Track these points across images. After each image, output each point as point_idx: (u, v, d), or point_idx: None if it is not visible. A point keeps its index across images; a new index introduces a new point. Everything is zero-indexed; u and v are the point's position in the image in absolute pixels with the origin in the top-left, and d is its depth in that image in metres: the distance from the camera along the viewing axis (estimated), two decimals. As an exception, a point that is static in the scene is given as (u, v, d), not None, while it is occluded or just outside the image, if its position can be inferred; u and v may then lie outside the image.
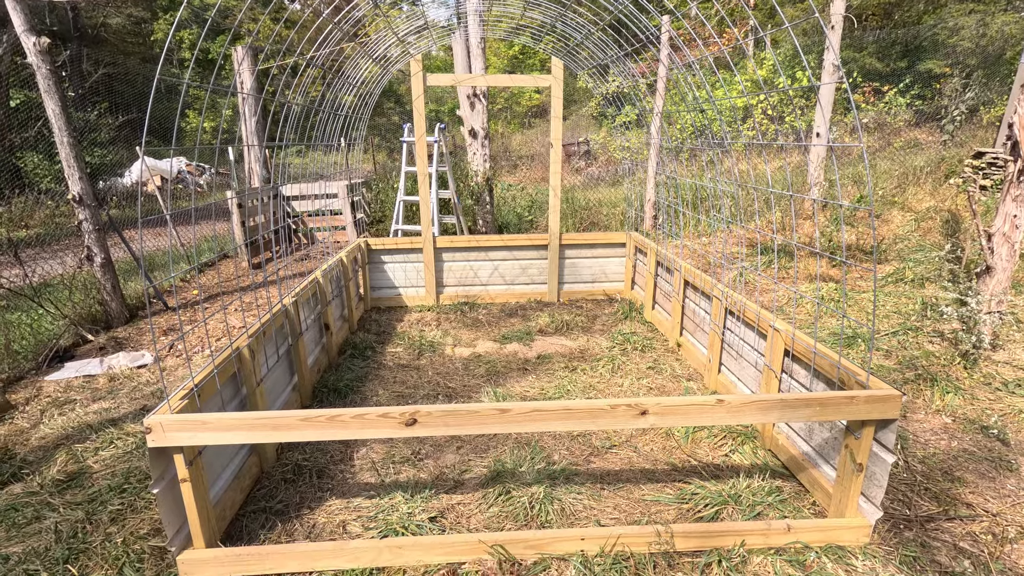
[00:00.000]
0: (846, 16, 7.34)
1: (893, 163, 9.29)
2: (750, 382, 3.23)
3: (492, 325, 5.01)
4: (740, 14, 19.56)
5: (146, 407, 3.55)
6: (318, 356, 3.97)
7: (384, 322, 5.15)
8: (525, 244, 5.56)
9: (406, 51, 6.40)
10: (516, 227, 8.77)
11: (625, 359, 4.15)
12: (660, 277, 4.82)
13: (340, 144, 7.68)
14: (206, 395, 2.28)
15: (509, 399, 3.54)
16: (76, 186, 4.69)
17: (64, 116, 4.54)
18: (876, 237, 6.51)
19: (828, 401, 2.09)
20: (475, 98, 7.70)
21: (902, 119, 12.15)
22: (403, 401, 3.58)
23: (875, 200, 7.36)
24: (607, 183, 13.50)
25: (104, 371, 4.14)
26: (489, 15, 6.17)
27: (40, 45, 4.37)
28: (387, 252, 5.49)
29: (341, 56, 5.70)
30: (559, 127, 5.20)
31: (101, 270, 4.97)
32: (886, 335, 4.26)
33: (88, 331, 4.81)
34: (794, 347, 2.69)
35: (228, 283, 6.65)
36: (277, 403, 3.17)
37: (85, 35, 20.69)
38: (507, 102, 30.07)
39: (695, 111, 5.93)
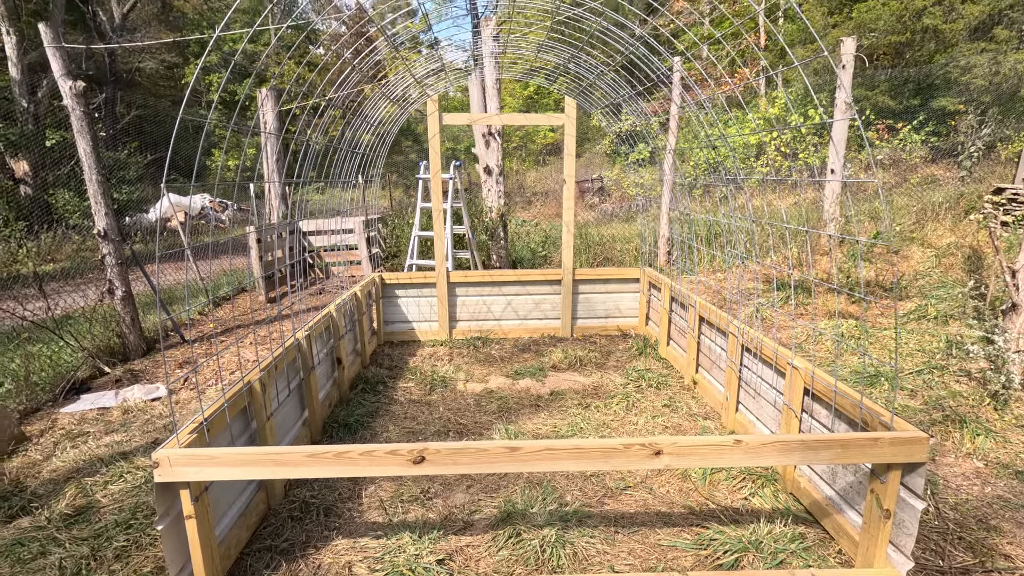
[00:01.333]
0: (857, 55, 7.43)
1: (911, 199, 9.22)
2: (769, 421, 3.13)
3: (505, 360, 4.97)
4: (751, 55, 19.93)
5: (157, 440, 3.54)
6: (329, 390, 3.96)
7: (397, 356, 5.14)
8: (538, 279, 5.56)
9: (424, 91, 6.59)
10: (530, 262, 8.80)
11: (640, 396, 4.06)
12: (675, 313, 4.76)
13: (358, 181, 7.85)
14: (216, 429, 2.27)
15: (521, 437, 3.47)
16: (102, 222, 4.83)
17: (94, 155, 4.72)
18: (896, 273, 6.41)
19: (850, 443, 2.01)
20: (490, 136, 7.86)
21: (918, 155, 12.12)
22: (413, 438, 3.53)
23: (893, 236, 7.27)
24: (621, 219, 13.56)
25: (119, 403, 4.17)
26: (504, 58, 6.35)
27: (76, 89, 4.58)
28: (401, 286, 5.52)
29: (361, 97, 5.89)
30: (572, 164, 5.26)
31: (122, 303, 5.06)
32: (910, 374, 4.13)
33: (105, 363, 4.87)
34: (814, 386, 2.61)
35: (244, 316, 6.72)
36: (287, 438, 3.14)
37: (120, 79, 21.70)
38: (522, 140, 30.68)
39: (708, 148, 5.97)
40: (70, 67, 4.71)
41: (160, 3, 26.97)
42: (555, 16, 4.97)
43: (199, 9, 29.50)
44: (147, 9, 25.85)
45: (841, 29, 14.42)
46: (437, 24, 10.46)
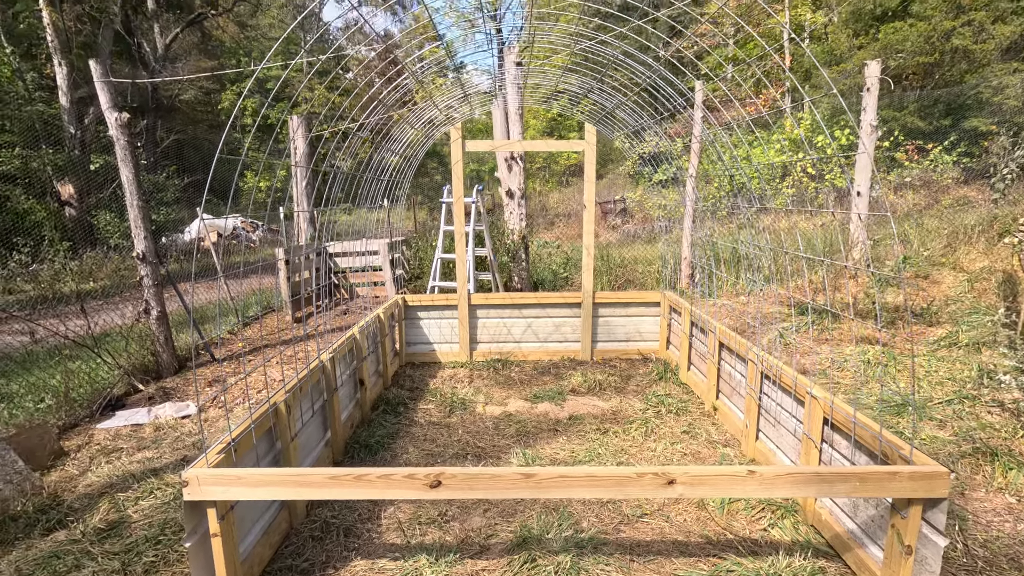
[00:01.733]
0: (882, 78, 7.38)
1: (941, 221, 9.02)
2: (789, 451, 3.10)
3: (524, 383, 5.00)
4: (775, 76, 19.88)
5: (186, 457, 3.66)
6: (352, 411, 4.04)
7: (418, 378, 5.21)
8: (558, 302, 5.60)
9: (450, 116, 6.78)
10: (551, 284, 8.85)
11: (659, 422, 4.05)
12: (695, 338, 4.75)
13: (384, 204, 8.06)
14: (243, 449, 2.35)
15: (538, 461, 3.49)
16: (141, 245, 5.06)
17: (136, 182, 4.97)
18: (924, 299, 6.26)
19: (868, 476, 1.99)
20: (512, 161, 8.00)
21: (949, 177, 11.87)
22: (432, 460, 3.58)
23: (922, 260, 7.12)
24: (643, 240, 13.54)
25: (151, 420, 4.32)
26: (526, 86, 6.50)
27: (121, 120, 4.86)
28: (423, 308, 5.62)
29: (389, 122, 6.08)
30: (592, 190, 5.33)
31: (156, 323, 5.27)
32: (939, 403, 4.02)
33: (140, 381, 5.06)
34: (833, 416, 2.58)
35: (272, 336, 6.90)
36: (310, 458, 3.22)
37: (161, 106, 22.72)
38: (545, 161, 30.98)
39: (732, 170, 5.99)
40: (116, 99, 5.00)
41: (200, 33, 28.28)
42: (577, 44, 5.09)
43: (236, 38, 30.84)
44: (187, 39, 27.13)
45: (867, 51, 14.32)
46: (462, 51, 10.74)
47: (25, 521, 2.93)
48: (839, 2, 16.59)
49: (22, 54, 17.22)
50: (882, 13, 15.55)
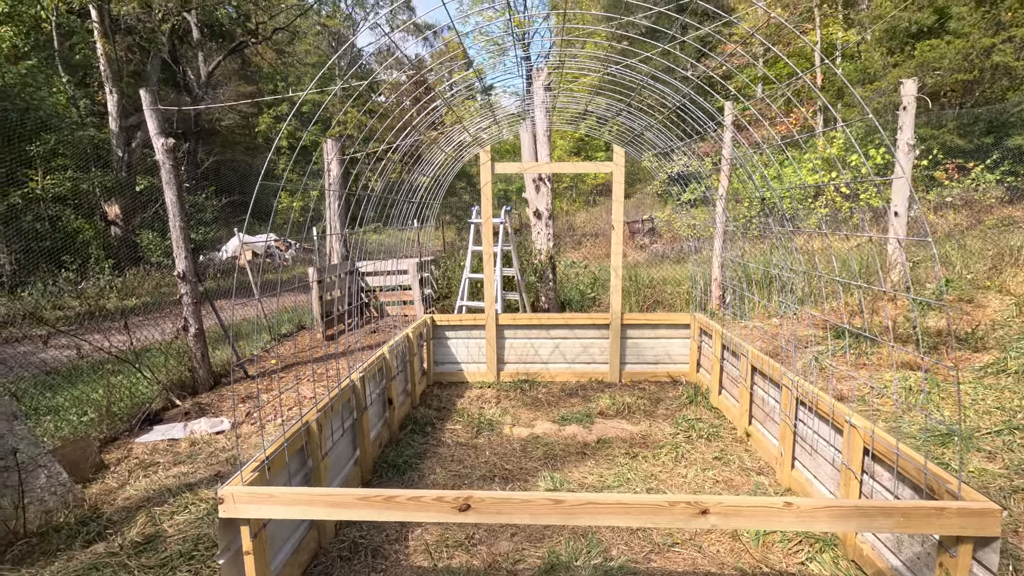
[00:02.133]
0: (919, 96, 7.23)
1: (985, 242, 8.70)
2: (827, 480, 2.99)
3: (552, 405, 4.97)
4: (807, 94, 19.65)
5: (220, 473, 3.74)
6: (380, 430, 4.07)
7: (445, 398, 5.23)
8: (586, 323, 5.58)
9: (478, 138, 6.89)
10: (579, 304, 8.82)
11: (690, 447, 3.96)
12: (726, 361, 4.65)
13: (414, 224, 8.20)
14: (276, 468, 2.40)
15: (566, 486, 3.45)
16: (181, 264, 5.25)
17: (179, 204, 5.18)
18: (969, 323, 6.02)
19: (913, 512, 1.91)
20: (540, 182, 8.06)
21: (993, 196, 11.46)
22: (459, 481, 3.57)
23: (965, 283, 6.86)
24: (671, 260, 13.41)
25: (187, 435, 4.43)
26: (554, 110, 6.58)
27: (167, 145, 5.09)
28: (451, 328, 5.66)
29: (420, 144, 6.22)
30: (620, 210, 5.33)
31: (194, 339, 5.43)
32: (988, 434, 3.84)
33: (176, 396, 5.20)
34: (874, 446, 2.49)
35: (303, 353, 7.03)
36: (339, 477, 3.25)
37: (203, 130, 23.70)
38: (572, 180, 31.09)
39: (764, 191, 5.91)
40: (163, 126, 5.25)
41: (240, 60, 29.51)
42: (606, 68, 5.15)
43: (273, 64, 32.07)
44: (228, 66, 28.34)
45: (902, 69, 14.05)
46: (491, 74, 10.98)
47: (67, 532, 3.03)
48: (872, 21, 16.37)
49: (77, 82, 18.25)
50: (917, 31, 15.27)
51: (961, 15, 13.65)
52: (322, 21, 34.18)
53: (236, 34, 23.79)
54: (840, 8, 21.48)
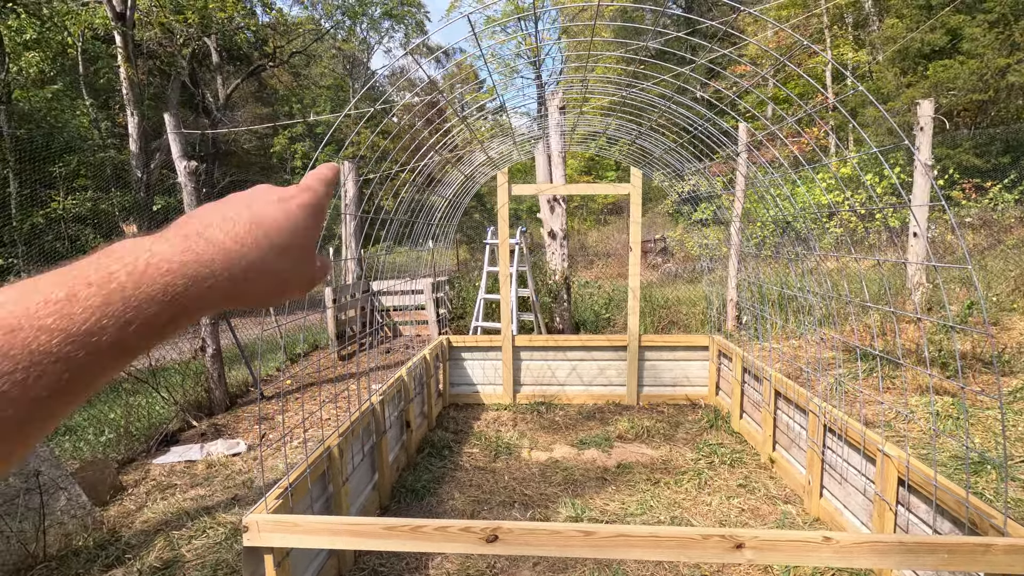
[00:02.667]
0: (936, 117, 7.19)
1: (1007, 263, 8.57)
2: (859, 511, 2.91)
3: (569, 428, 4.91)
4: (820, 113, 19.66)
5: (237, 496, 3.71)
6: (398, 454, 4.04)
7: (461, 420, 5.19)
8: (603, 345, 5.53)
9: (494, 159, 6.94)
10: (593, 324, 8.76)
11: (713, 474, 3.88)
12: (747, 384, 4.58)
13: (430, 245, 8.24)
14: (299, 494, 2.37)
15: (589, 513, 3.38)
16: (201, 285, 5.30)
17: (200, 225, 5.24)
18: (996, 346, 5.89)
19: (959, 548, 1.84)
20: (554, 202, 8.09)
21: (1012, 216, 11.33)
22: (479, 507, 3.51)
23: (989, 304, 6.74)
24: (685, 280, 13.33)
25: (203, 457, 4.42)
26: (569, 131, 6.62)
27: (189, 167, 5.18)
28: (467, 349, 5.64)
29: (437, 165, 6.28)
30: (638, 232, 5.32)
31: (211, 360, 5.45)
32: (1021, 462, 3.73)
33: (193, 417, 5.21)
34: (909, 476, 2.42)
35: (319, 374, 7.03)
36: (358, 502, 3.22)
37: (220, 151, 24.15)
38: (583, 200, 31.19)
39: (780, 210, 5.88)
40: (186, 149, 5.35)
41: (257, 83, 30.18)
42: (619, 90, 5.18)
43: (289, 86, 32.74)
44: (245, 88, 28.97)
45: (916, 89, 14.04)
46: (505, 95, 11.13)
47: (86, 556, 3.01)
48: (884, 42, 16.44)
49: (99, 105, 18.73)
50: (930, 51, 15.31)
51: (974, 36, 13.66)
52: (337, 45, 34.95)
53: (254, 58, 24.37)
54: (850, 29, 21.61)
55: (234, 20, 18.66)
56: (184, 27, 17.79)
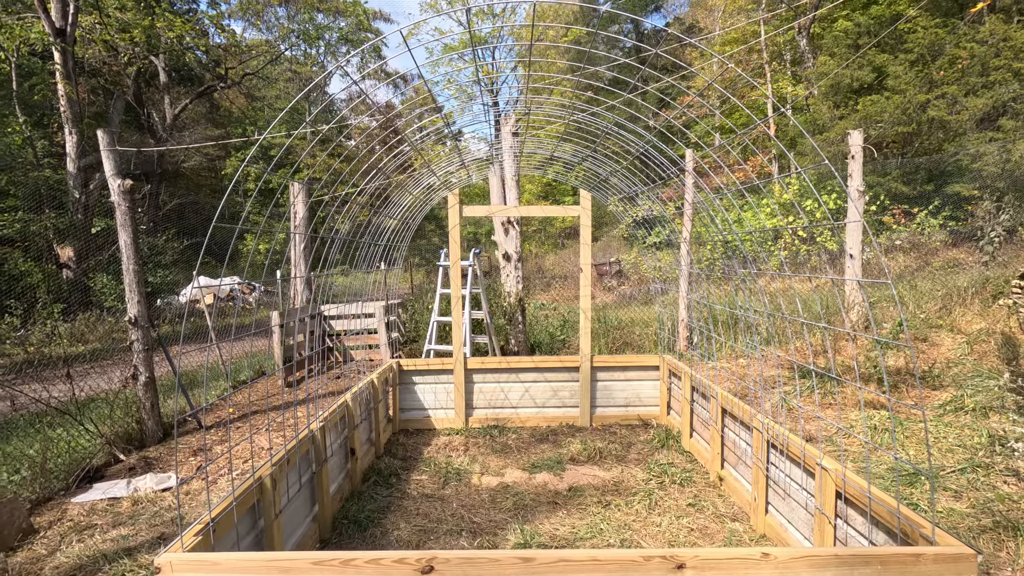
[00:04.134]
0: (865, 146, 7.65)
1: (934, 283, 9.09)
2: (801, 525, 2.94)
3: (522, 451, 4.83)
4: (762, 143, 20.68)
5: (164, 535, 3.45)
6: (341, 483, 3.86)
7: (411, 446, 5.03)
8: (556, 366, 5.51)
9: (448, 182, 6.93)
10: (548, 346, 8.76)
11: (663, 493, 3.87)
12: (696, 403, 4.63)
13: (381, 266, 8.10)
14: (223, 530, 2.21)
15: (537, 538, 3.30)
16: (134, 309, 5.01)
17: (134, 247, 4.99)
18: (925, 361, 6.19)
19: (890, 559, 1.86)
20: (509, 225, 8.12)
21: (937, 240, 12.10)
22: (425, 536, 3.38)
23: (918, 322, 7.11)
24: (639, 302, 13.56)
25: (130, 493, 4.11)
26: (522, 155, 6.70)
27: (123, 187, 4.94)
28: (418, 373, 5.51)
29: (388, 187, 6.21)
30: (588, 253, 5.37)
31: (144, 388, 5.13)
32: (952, 472, 3.88)
33: (122, 450, 4.86)
34: (846, 489, 2.47)
35: (263, 401, 6.72)
36: (295, 536, 3.03)
37: (166, 172, 23.30)
38: (541, 224, 31.59)
39: (726, 233, 6.08)
40: (121, 167, 5.11)
41: (208, 104, 29.48)
42: (571, 115, 5.29)
43: (243, 108, 32.13)
44: (196, 109, 28.24)
45: (848, 121, 14.98)
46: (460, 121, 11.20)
47: (-18, 610, 2.71)
48: (818, 78, 17.53)
49: (34, 123, 17.82)
50: (859, 87, 16.40)
51: (897, 73, 14.74)
52: (293, 67, 34.65)
53: (205, 78, 23.83)
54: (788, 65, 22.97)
55: (184, 40, 18.23)
56: (130, 45, 17.25)
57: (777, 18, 21.18)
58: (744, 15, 22.89)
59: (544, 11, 29.34)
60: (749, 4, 22.63)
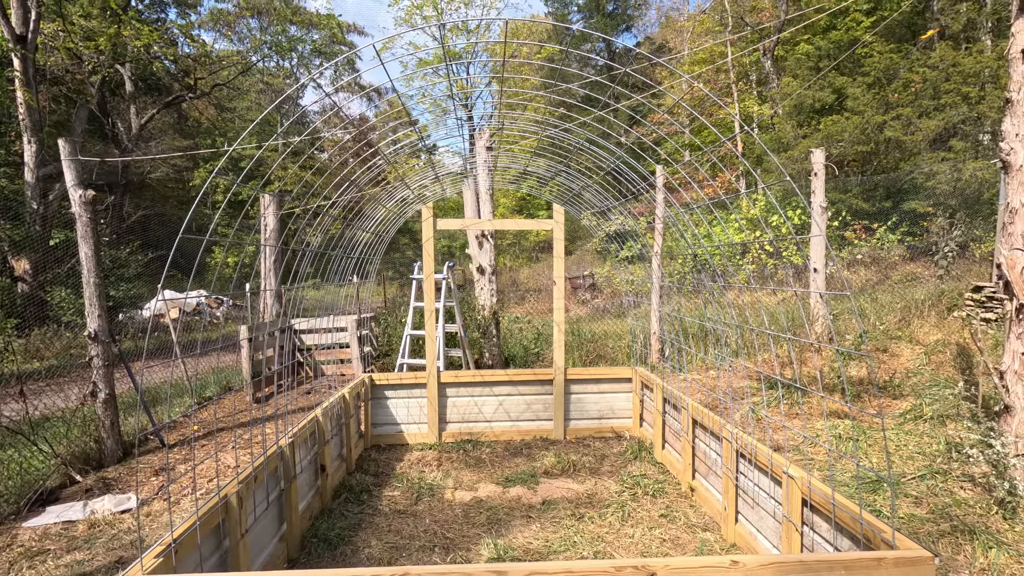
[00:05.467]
0: (827, 164, 7.94)
1: (894, 296, 9.44)
2: (770, 534, 2.99)
3: (495, 465, 4.80)
4: (730, 160, 21.26)
5: (122, 559, 3.31)
6: (311, 501, 3.77)
7: (383, 461, 4.96)
8: (530, 379, 5.52)
9: (422, 195, 6.93)
10: (523, 359, 8.76)
11: (636, 505, 3.89)
12: (668, 415, 4.69)
13: (353, 280, 8.02)
14: (185, 551, 2.14)
15: (511, 552, 3.28)
16: (94, 323, 4.85)
17: (95, 259, 4.83)
18: (886, 372, 6.40)
19: (854, 564, 1.91)
20: (483, 238, 8.15)
21: (896, 254, 12.57)
22: (397, 553, 3.32)
23: (879, 334, 7.36)
24: (612, 315, 13.70)
25: (86, 516, 3.94)
26: (496, 169, 6.75)
27: (85, 197, 4.80)
28: (391, 387, 5.45)
29: (361, 200, 6.17)
30: (562, 267, 5.42)
31: (103, 406, 4.94)
32: (912, 479, 4.00)
33: (78, 471, 4.66)
34: (812, 497, 2.53)
35: (230, 418, 6.54)
36: (261, 556, 2.95)
37: (131, 183, 22.68)
38: (515, 237, 31.73)
39: (695, 248, 6.21)
40: (83, 177, 4.96)
41: (176, 114, 28.90)
42: (544, 130, 5.37)
43: (213, 120, 31.59)
44: (164, 119, 27.63)
45: (811, 140, 15.54)
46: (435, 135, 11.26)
47: (-78, 643, 2.55)
48: (782, 98, 18.17)
49: (-10, 131, 17.18)
50: (821, 107, 17.06)
51: (856, 95, 15.39)
52: (264, 79, 34.29)
53: (173, 88, 23.40)
54: (754, 86, 23.76)
55: (151, 49, 17.89)
56: (95, 53, 16.84)
57: (743, 40, 21.94)
58: (711, 36, 23.65)
59: (518, 28, 29.75)
60: (716, 26, 23.39)
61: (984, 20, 17.06)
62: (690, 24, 27.03)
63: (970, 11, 17.07)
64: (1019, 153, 3.62)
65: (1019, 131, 3.61)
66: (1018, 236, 3.65)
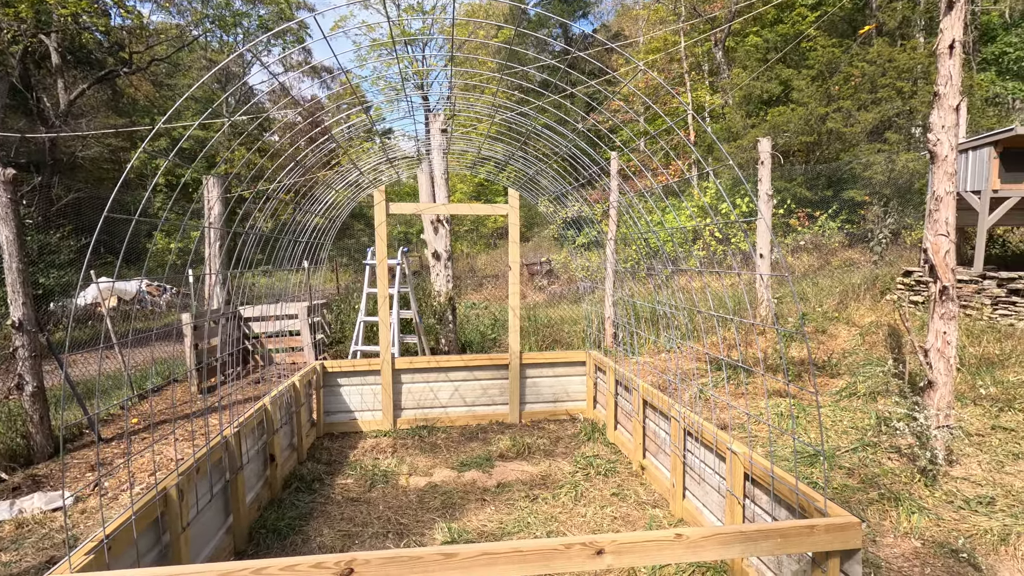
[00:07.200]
0: (773, 153, 8.22)
1: (833, 281, 9.92)
2: (715, 508, 3.11)
3: (451, 450, 4.80)
4: (682, 149, 21.72)
5: (52, 559, 3.14)
6: (260, 491, 3.67)
7: (336, 450, 4.87)
8: (486, 364, 5.52)
9: (376, 179, 6.76)
10: (479, 345, 8.76)
11: (588, 485, 3.98)
12: (620, 396, 4.79)
13: (304, 266, 7.78)
14: (120, 547, 2.04)
15: (465, 535, 3.29)
16: (18, 312, 4.53)
17: (17, 243, 4.51)
18: (824, 352, 6.73)
19: (789, 532, 2.01)
20: (438, 223, 8.05)
21: (836, 241, 13.20)
22: (349, 542, 3.28)
23: (819, 316, 7.73)
24: (569, 300, 13.86)
25: (14, 516, 3.71)
26: (452, 152, 6.66)
27: (5, 176, 4.45)
28: (344, 375, 5.35)
29: (312, 182, 5.98)
30: (517, 251, 5.42)
31: (31, 400, 4.65)
32: (846, 452, 4.25)
33: (4, 469, 4.38)
34: (753, 471, 2.64)
35: (173, 410, 6.28)
36: (206, 550, 2.85)
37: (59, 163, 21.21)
38: (473, 224, 31.54)
39: (647, 234, 6.32)
40: (2, 155, 4.60)
41: (111, 90, 27.12)
42: (500, 114, 5.32)
43: (151, 96, 29.83)
44: (97, 96, 25.88)
45: (759, 130, 16.06)
46: (389, 117, 10.97)
47: None
48: (732, 88, 18.66)
49: None
50: (768, 98, 17.63)
51: (800, 87, 15.98)
52: (208, 56, 32.59)
53: (107, 62, 21.92)
54: (706, 76, 24.27)
55: (80, 19, 16.68)
56: (15, 22, 15.55)
57: (695, 29, 22.35)
58: (665, 25, 23.96)
59: (474, 10, 29.28)
60: (670, 15, 23.70)
61: (918, 18, 17.98)
62: (645, 12, 27.29)
63: (905, 9, 17.94)
64: (944, 144, 3.84)
65: (945, 123, 3.82)
66: (943, 223, 3.88)
